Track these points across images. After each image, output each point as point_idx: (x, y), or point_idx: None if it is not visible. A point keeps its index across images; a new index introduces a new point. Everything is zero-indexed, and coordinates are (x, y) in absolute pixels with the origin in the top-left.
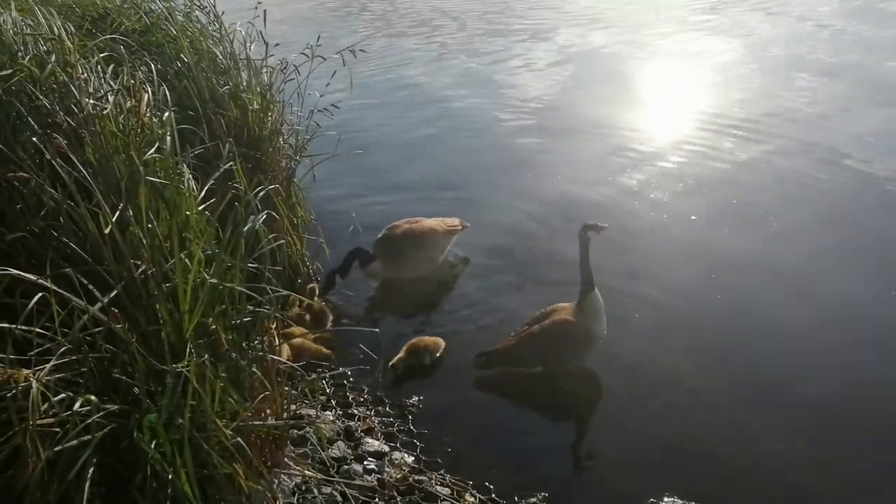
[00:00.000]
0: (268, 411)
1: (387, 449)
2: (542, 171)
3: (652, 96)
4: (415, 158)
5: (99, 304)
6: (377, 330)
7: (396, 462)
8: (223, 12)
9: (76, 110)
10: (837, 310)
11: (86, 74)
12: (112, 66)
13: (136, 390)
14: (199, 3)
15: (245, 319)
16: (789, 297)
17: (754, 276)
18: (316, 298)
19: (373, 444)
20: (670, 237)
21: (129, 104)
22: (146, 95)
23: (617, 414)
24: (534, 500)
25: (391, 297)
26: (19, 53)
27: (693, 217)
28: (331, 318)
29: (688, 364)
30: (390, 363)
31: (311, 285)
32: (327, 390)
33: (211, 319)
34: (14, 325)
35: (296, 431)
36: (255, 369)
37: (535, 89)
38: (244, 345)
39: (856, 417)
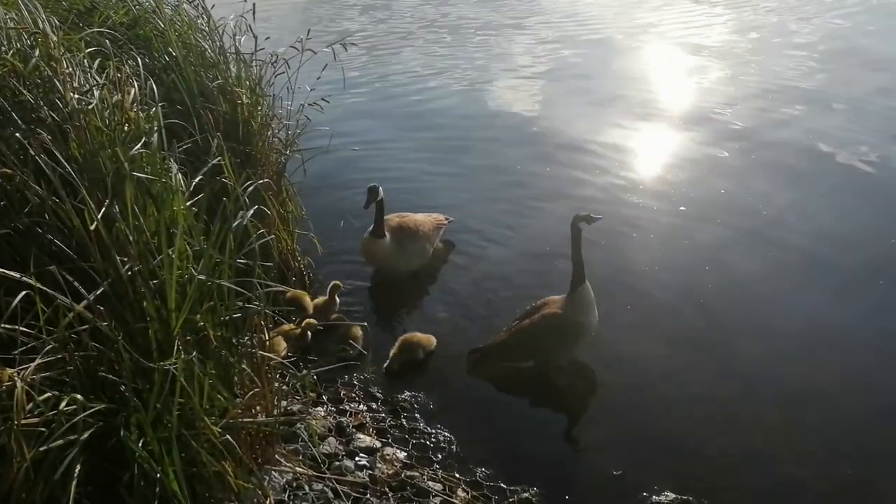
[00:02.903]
0: (258, 408)
1: (378, 445)
2: (539, 168)
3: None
4: (409, 153)
5: (85, 302)
6: (366, 324)
7: (388, 458)
8: (213, 6)
9: (61, 105)
10: (831, 303)
11: (70, 69)
12: (98, 60)
13: (123, 389)
14: None
15: (234, 315)
16: (783, 291)
17: (747, 268)
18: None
19: (364, 439)
20: (662, 229)
21: (115, 99)
22: (133, 90)
23: (609, 408)
24: (526, 495)
25: (382, 291)
26: (2, 48)
27: (682, 208)
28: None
29: (681, 357)
30: (384, 365)
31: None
32: (318, 386)
33: (199, 316)
34: None
35: (286, 428)
36: (244, 366)
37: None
38: (233, 341)
39: (848, 410)
